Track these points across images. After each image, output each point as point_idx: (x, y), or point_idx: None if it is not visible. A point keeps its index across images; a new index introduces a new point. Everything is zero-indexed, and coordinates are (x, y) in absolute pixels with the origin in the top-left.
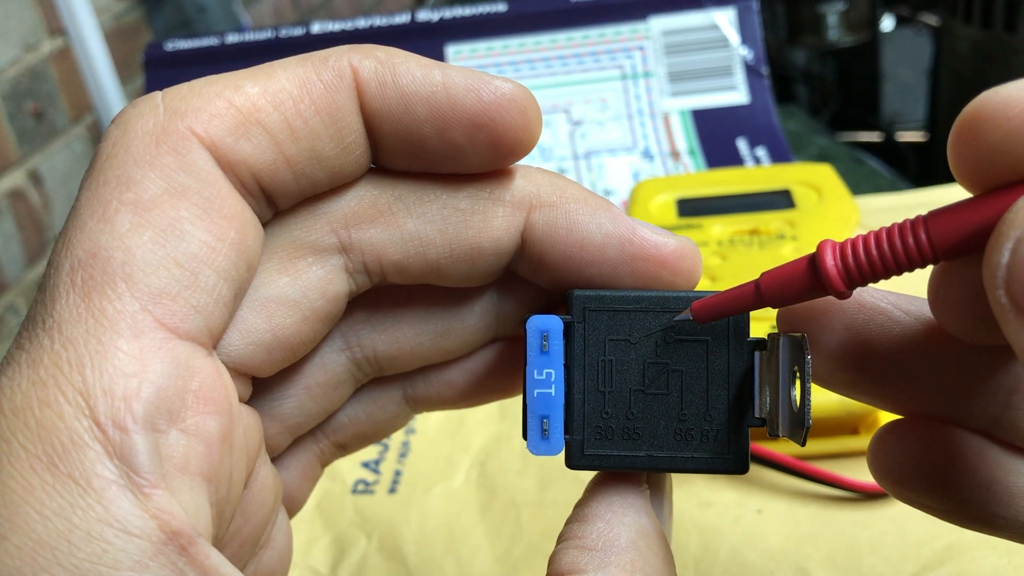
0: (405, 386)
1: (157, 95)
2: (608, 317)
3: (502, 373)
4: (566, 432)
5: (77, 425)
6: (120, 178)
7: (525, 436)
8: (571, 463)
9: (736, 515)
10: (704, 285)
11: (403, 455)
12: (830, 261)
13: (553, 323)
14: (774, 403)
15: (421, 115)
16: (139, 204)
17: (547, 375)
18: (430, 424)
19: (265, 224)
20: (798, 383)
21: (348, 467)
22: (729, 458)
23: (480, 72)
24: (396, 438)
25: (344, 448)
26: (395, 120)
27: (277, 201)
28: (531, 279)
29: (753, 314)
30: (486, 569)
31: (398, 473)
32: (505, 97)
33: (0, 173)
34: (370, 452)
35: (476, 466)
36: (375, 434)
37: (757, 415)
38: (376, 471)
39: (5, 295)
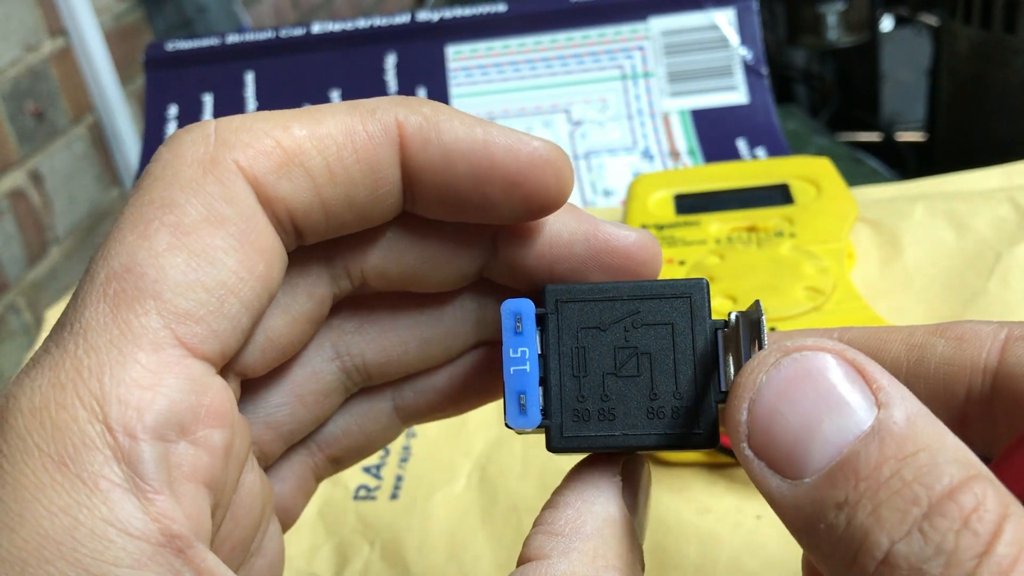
0: (394, 396)
1: (211, 124)
2: (579, 307)
3: (485, 376)
4: (545, 417)
5: (89, 429)
6: (164, 199)
7: (505, 413)
8: (551, 446)
9: (735, 521)
10: None
11: (404, 460)
12: None
13: (525, 305)
14: None
15: (461, 170)
16: (179, 227)
17: (521, 353)
18: (430, 427)
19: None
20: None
21: (349, 472)
22: (700, 433)
23: (518, 132)
24: (397, 442)
25: (338, 463)
26: (435, 174)
27: (306, 238)
28: (507, 283)
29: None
30: None
31: (399, 478)
32: (541, 158)
33: (0, 173)
34: (371, 457)
35: (477, 470)
36: (367, 447)
37: (723, 389)
38: (378, 476)
39: (5, 295)
